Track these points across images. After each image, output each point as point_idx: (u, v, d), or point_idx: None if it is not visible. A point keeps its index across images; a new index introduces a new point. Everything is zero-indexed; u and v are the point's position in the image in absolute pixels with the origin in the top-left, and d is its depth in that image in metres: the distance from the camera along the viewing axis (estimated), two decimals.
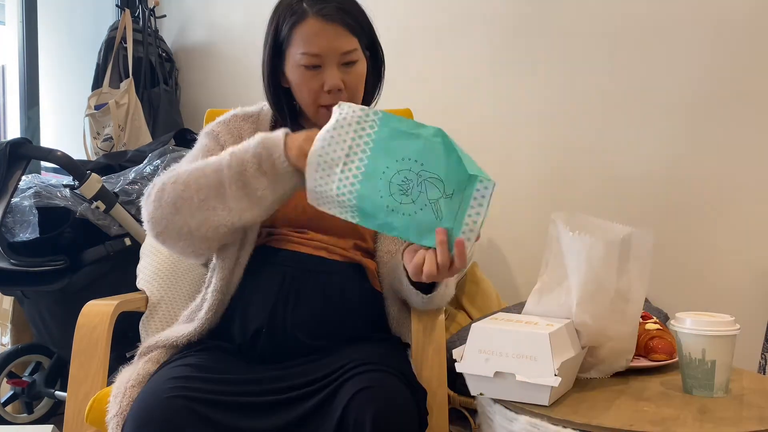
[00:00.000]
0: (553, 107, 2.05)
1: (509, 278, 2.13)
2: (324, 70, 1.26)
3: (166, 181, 1.18)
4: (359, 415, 1.00)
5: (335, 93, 1.27)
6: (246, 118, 1.37)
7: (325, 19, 1.24)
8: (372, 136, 1.06)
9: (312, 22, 1.25)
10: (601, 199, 1.98)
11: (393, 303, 1.32)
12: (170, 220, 1.17)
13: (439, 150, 1.04)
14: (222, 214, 1.15)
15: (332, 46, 1.25)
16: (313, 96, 1.28)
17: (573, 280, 1.16)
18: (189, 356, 1.18)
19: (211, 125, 1.37)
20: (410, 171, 1.04)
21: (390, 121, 1.06)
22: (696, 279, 1.87)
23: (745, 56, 1.80)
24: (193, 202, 1.15)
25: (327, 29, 1.25)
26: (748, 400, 1.11)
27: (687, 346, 1.13)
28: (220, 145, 1.31)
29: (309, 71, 1.26)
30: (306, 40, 1.25)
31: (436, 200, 1.04)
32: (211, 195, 1.14)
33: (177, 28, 2.89)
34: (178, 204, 1.15)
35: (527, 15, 2.08)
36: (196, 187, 1.14)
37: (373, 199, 1.05)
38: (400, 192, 1.04)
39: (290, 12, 1.27)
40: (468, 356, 1.12)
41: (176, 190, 1.15)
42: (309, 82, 1.27)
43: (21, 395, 2.14)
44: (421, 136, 1.04)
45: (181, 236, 1.18)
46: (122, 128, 2.54)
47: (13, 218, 1.90)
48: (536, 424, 1.03)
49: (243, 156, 1.13)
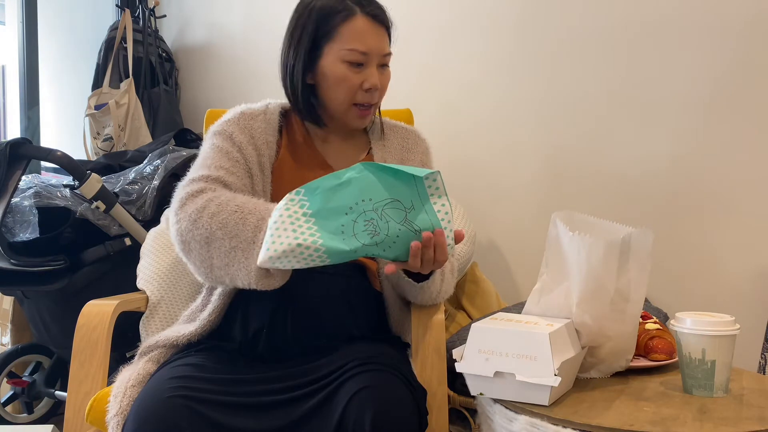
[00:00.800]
0: (553, 107, 2.05)
1: (509, 278, 2.13)
2: (366, 68, 1.29)
3: (206, 205, 1.15)
4: (359, 414, 1.00)
5: (372, 92, 1.30)
6: (254, 117, 1.35)
7: (375, 19, 1.29)
8: (308, 213, 1.05)
9: (362, 20, 1.28)
10: (601, 199, 1.98)
11: (393, 303, 1.32)
12: (198, 251, 1.16)
13: (372, 179, 1.06)
14: (238, 274, 1.13)
15: (379, 46, 1.29)
16: (351, 93, 1.30)
17: (573, 280, 1.16)
18: (189, 356, 1.18)
19: (221, 125, 1.34)
20: (365, 213, 1.05)
21: (313, 189, 1.06)
22: (696, 279, 1.87)
23: (745, 57, 1.80)
24: (224, 245, 1.13)
25: (375, 29, 1.29)
26: (747, 400, 1.11)
27: (687, 346, 1.13)
28: (237, 145, 1.30)
29: (352, 68, 1.28)
30: (356, 37, 1.27)
31: (404, 218, 1.06)
32: (240, 248, 1.12)
33: (177, 28, 2.89)
34: (210, 239, 1.14)
35: (528, 14, 2.08)
36: (231, 232, 1.12)
37: (350, 257, 1.06)
38: (370, 236, 1.05)
39: (336, 9, 1.28)
40: (468, 356, 1.12)
41: (212, 226, 1.13)
42: (351, 78, 1.29)
43: (21, 395, 2.13)
44: (350, 181, 1.05)
45: (202, 263, 1.17)
46: (122, 128, 2.54)
47: (13, 218, 1.90)
48: (536, 424, 1.03)
49: None
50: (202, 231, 1.14)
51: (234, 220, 1.12)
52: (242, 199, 1.16)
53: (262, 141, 1.32)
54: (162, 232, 1.69)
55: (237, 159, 1.28)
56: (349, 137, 1.41)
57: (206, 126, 1.90)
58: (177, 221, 1.18)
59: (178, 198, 1.21)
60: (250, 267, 1.11)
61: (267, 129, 1.34)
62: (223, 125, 1.34)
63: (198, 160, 1.31)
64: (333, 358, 1.14)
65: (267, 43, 2.56)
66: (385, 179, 1.06)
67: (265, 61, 2.58)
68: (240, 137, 1.31)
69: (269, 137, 1.34)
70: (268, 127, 1.35)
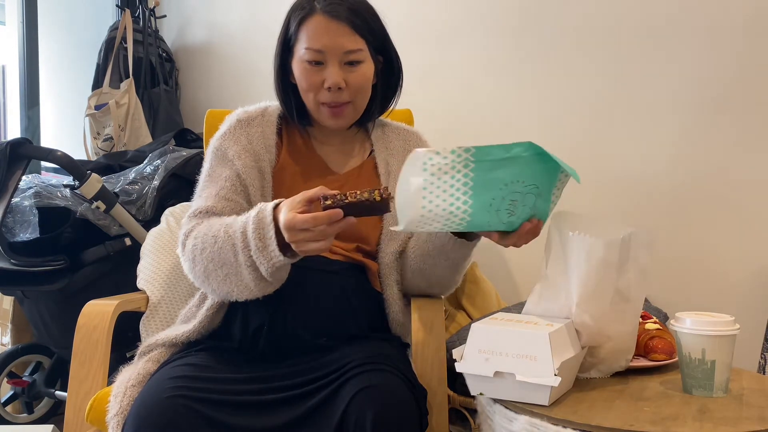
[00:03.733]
0: (553, 107, 2.05)
1: (509, 278, 2.13)
2: (326, 67, 1.27)
3: (195, 243, 1.19)
4: (360, 414, 1.00)
5: (335, 91, 1.27)
6: (250, 122, 1.35)
7: (331, 15, 1.26)
8: (470, 175, 1.05)
9: (318, 18, 1.26)
10: (601, 199, 1.98)
11: (393, 303, 1.32)
12: (206, 285, 1.22)
13: (531, 161, 1.06)
14: (243, 293, 1.17)
15: (335, 43, 1.26)
16: (313, 92, 1.29)
17: (573, 280, 1.16)
18: (189, 356, 1.18)
19: (217, 140, 1.35)
20: (513, 192, 1.07)
21: (484, 154, 1.05)
22: (696, 279, 1.87)
23: (746, 57, 1.80)
24: (218, 275, 1.17)
25: (332, 26, 1.26)
26: (747, 400, 1.11)
27: (687, 346, 1.13)
28: (229, 160, 1.31)
29: (311, 67, 1.27)
30: (310, 35, 1.27)
31: (533, 203, 1.11)
32: (231, 268, 1.15)
33: (177, 28, 2.89)
34: (207, 273, 1.19)
35: (529, 14, 2.08)
36: (219, 262, 1.16)
37: (483, 229, 1.12)
38: (507, 215, 1.09)
39: (300, 8, 1.29)
40: (468, 356, 1.12)
41: (204, 261, 1.18)
42: (311, 77, 1.28)
43: (21, 395, 2.14)
44: (516, 158, 1.05)
45: (213, 293, 1.23)
46: (122, 128, 2.54)
47: (13, 218, 1.90)
48: (536, 424, 1.03)
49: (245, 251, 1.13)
50: (200, 268, 1.19)
51: (216, 251, 1.15)
52: (215, 227, 1.18)
53: (260, 146, 1.32)
54: (162, 232, 1.69)
55: (227, 178, 1.29)
56: (348, 139, 1.41)
57: (206, 126, 1.90)
58: (183, 261, 1.24)
59: (181, 236, 1.25)
60: (248, 285, 1.15)
61: (265, 133, 1.34)
62: (219, 141, 1.35)
63: (198, 183, 1.35)
64: (334, 357, 1.14)
65: (267, 43, 2.54)
66: (539, 164, 1.07)
67: (265, 61, 2.56)
68: (234, 149, 1.31)
69: (268, 141, 1.34)
70: (266, 131, 1.35)
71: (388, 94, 1.40)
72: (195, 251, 1.19)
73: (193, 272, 1.21)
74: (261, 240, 1.10)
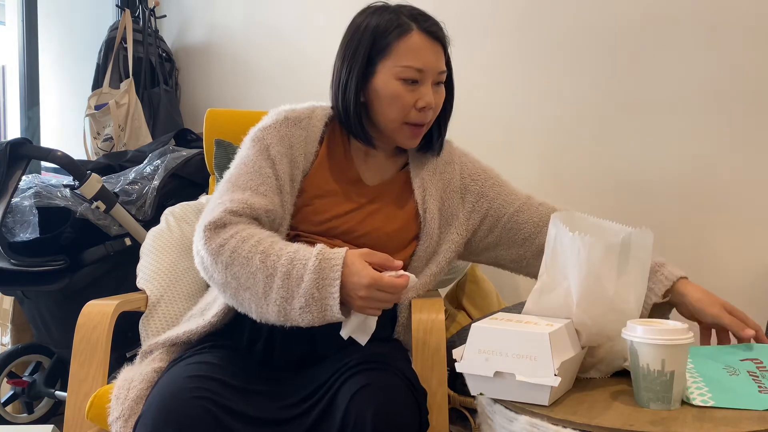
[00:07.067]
0: (553, 108, 2.05)
1: (509, 278, 2.13)
2: (420, 86, 1.26)
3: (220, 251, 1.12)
4: (360, 412, 1.00)
5: (426, 111, 1.27)
6: (297, 123, 1.30)
7: (431, 36, 1.26)
8: None
9: (419, 36, 1.25)
10: (601, 199, 1.98)
11: (404, 309, 1.32)
12: (215, 286, 1.16)
13: None
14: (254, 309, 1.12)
15: (435, 63, 1.26)
16: (404, 111, 1.26)
17: (573, 280, 1.16)
18: (203, 353, 1.17)
19: (261, 131, 1.28)
20: None
21: None
22: (696, 279, 1.86)
23: (745, 57, 1.80)
24: (238, 294, 1.12)
25: (431, 46, 1.26)
26: None
27: (645, 357, 1.05)
28: (270, 160, 1.25)
29: (406, 85, 1.25)
30: (411, 53, 1.24)
31: None
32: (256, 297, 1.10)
33: (177, 28, 2.89)
34: (225, 287, 1.13)
35: (530, 14, 2.08)
36: (244, 285, 1.10)
37: None
38: None
39: (394, 25, 1.25)
40: (468, 356, 1.12)
41: (225, 275, 1.12)
42: (404, 95, 1.25)
43: (21, 395, 2.13)
44: None
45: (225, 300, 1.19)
46: (122, 128, 2.54)
47: (13, 218, 1.90)
48: (536, 424, 1.03)
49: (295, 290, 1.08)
50: (219, 276, 1.13)
51: (245, 274, 1.10)
52: (249, 247, 1.11)
53: (300, 152, 1.28)
54: (162, 231, 1.69)
55: (268, 175, 1.23)
56: (391, 155, 1.38)
57: (206, 126, 1.90)
58: (201, 254, 1.16)
59: (204, 224, 1.16)
60: (263, 316, 1.12)
61: (308, 139, 1.30)
62: (263, 131, 1.28)
63: (233, 168, 1.27)
64: (336, 357, 1.14)
65: (267, 43, 2.56)
66: None
67: (265, 61, 2.58)
68: (276, 150, 1.25)
69: (308, 148, 1.30)
70: (309, 137, 1.30)
71: (446, 116, 1.39)
72: (218, 260, 1.12)
73: (210, 275, 1.15)
74: (319, 290, 1.06)
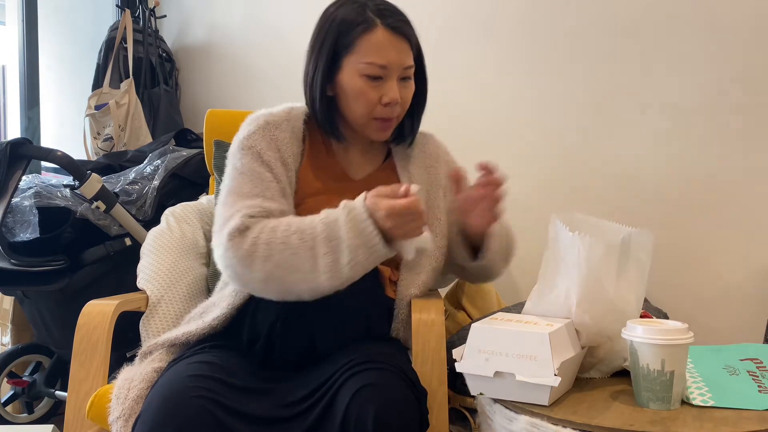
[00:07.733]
0: (553, 108, 2.05)
1: (509, 278, 2.13)
2: (385, 82, 1.26)
3: (253, 249, 1.12)
4: (361, 412, 1.00)
5: (392, 106, 1.27)
6: (278, 126, 1.30)
7: (394, 31, 1.26)
8: None
9: (382, 32, 1.25)
10: (601, 199, 1.98)
11: (403, 307, 1.32)
12: (254, 289, 1.17)
13: None
14: (305, 288, 1.13)
15: (398, 59, 1.26)
16: (369, 107, 1.27)
17: (573, 280, 1.16)
18: (203, 353, 1.17)
19: (247, 138, 1.28)
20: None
21: None
22: (696, 279, 1.87)
23: (745, 57, 1.80)
24: (285, 281, 1.13)
25: (395, 42, 1.26)
26: None
27: (645, 357, 1.06)
28: (267, 165, 1.25)
29: (370, 81, 1.26)
30: (374, 50, 1.25)
31: None
32: (304, 275, 1.12)
33: (177, 28, 2.89)
34: (268, 281, 1.13)
35: (532, 16, 2.08)
36: (290, 268, 1.11)
37: None
38: None
39: (357, 21, 1.26)
40: (468, 356, 1.12)
41: (266, 268, 1.12)
42: (368, 92, 1.26)
43: (21, 395, 2.13)
44: None
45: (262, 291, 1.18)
46: (122, 128, 2.54)
47: (13, 218, 1.90)
48: (536, 423, 1.03)
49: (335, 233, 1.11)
50: (258, 274, 1.13)
51: (286, 258, 1.11)
52: (283, 231, 1.13)
53: (289, 154, 1.29)
54: (162, 231, 1.69)
55: (269, 180, 1.24)
56: (369, 148, 1.40)
57: (206, 126, 1.90)
58: (227, 263, 1.16)
59: (227, 232, 1.16)
60: (319, 288, 1.13)
61: (292, 139, 1.30)
62: (249, 139, 1.28)
63: (229, 180, 1.26)
64: (336, 357, 1.14)
65: (267, 43, 2.56)
66: None
67: (265, 61, 2.58)
68: (268, 155, 1.26)
69: (295, 149, 1.30)
70: (293, 137, 1.31)
71: (419, 108, 1.39)
72: (255, 257, 1.12)
73: (247, 277, 1.15)
74: (359, 237, 1.09)
